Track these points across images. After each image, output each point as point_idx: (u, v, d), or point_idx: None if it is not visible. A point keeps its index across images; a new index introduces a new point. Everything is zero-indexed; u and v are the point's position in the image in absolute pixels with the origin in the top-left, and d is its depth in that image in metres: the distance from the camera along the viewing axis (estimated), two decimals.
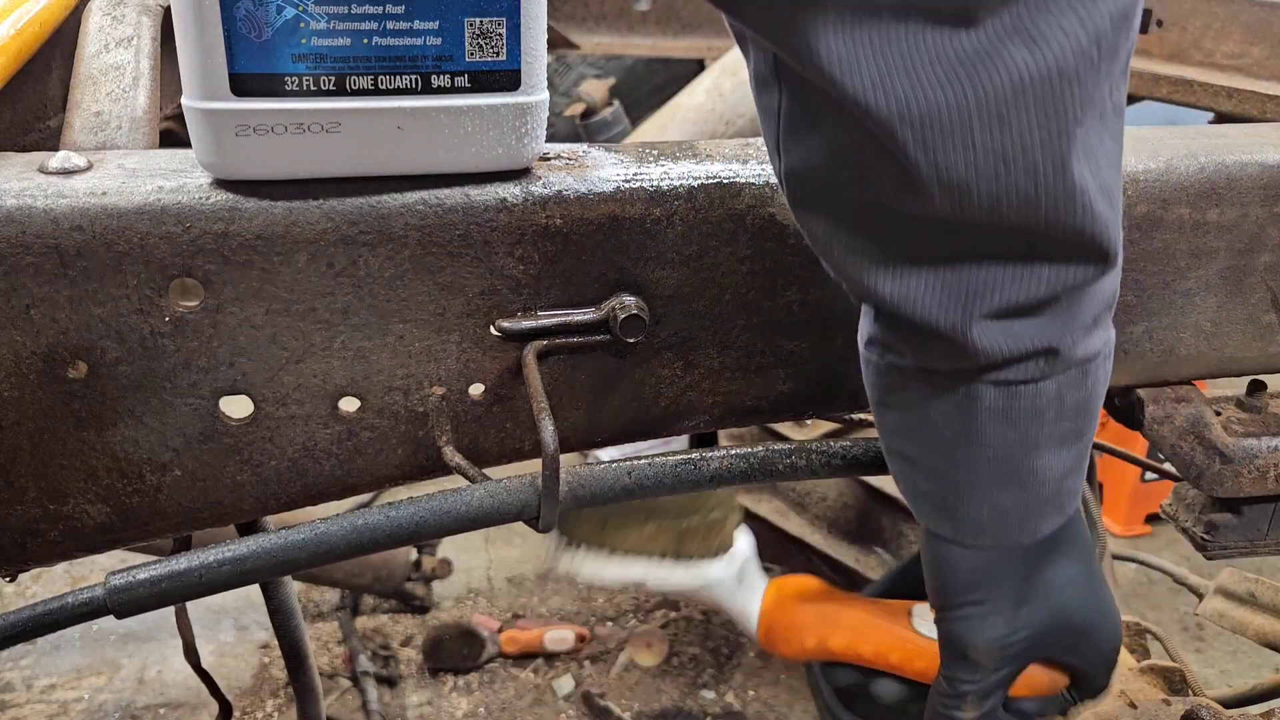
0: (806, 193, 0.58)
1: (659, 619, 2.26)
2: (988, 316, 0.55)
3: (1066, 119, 0.48)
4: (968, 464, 0.61)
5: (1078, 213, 0.51)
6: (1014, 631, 0.66)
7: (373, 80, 0.61)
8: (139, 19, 0.89)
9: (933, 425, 0.61)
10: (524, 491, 0.68)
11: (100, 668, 2.08)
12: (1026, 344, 0.56)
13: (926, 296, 0.56)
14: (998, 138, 0.48)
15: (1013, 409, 0.59)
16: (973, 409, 0.59)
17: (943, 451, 0.62)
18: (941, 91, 0.47)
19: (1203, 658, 2.21)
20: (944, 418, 0.61)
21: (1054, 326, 0.56)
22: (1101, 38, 0.47)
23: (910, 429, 0.64)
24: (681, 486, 0.73)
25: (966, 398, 0.59)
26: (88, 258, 0.61)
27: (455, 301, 0.69)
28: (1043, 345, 0.56)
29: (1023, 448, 0.60)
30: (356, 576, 2.13)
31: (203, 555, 0.64)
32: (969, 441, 0.60)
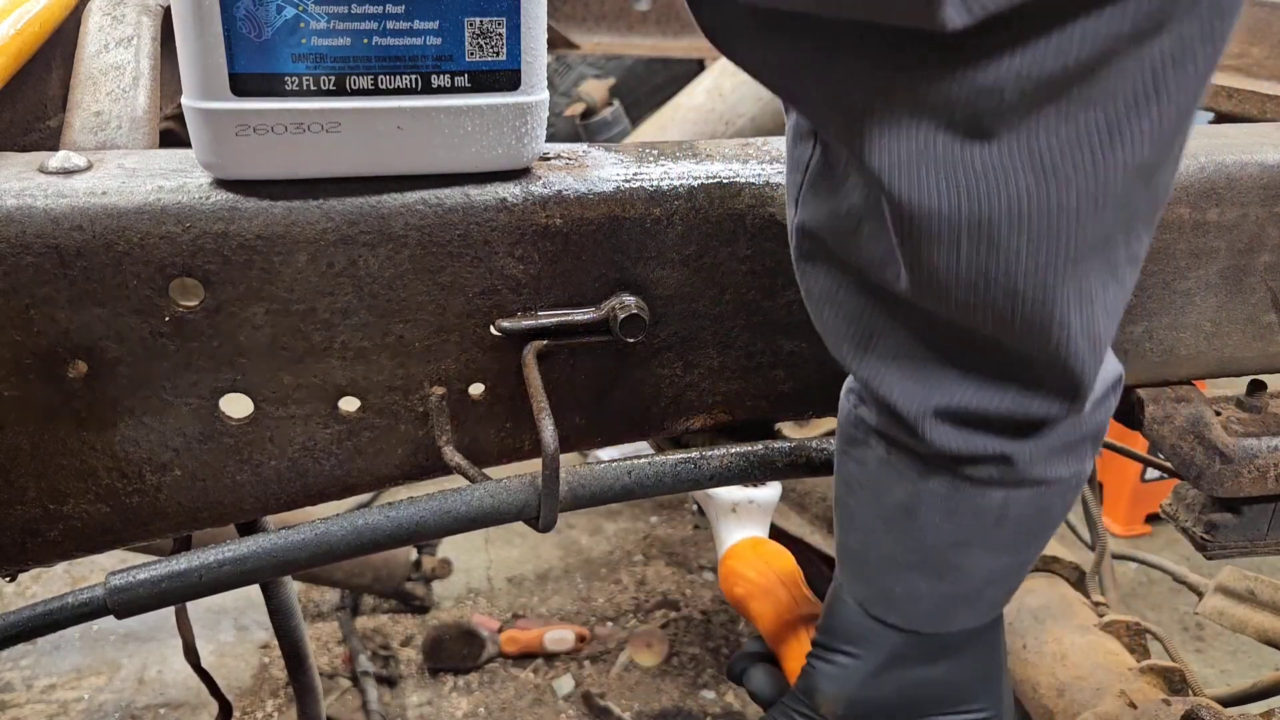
0: (813, 249, 0.58)
1: (659, 619, 2.26)
2: (944, 417, 0.54)
3: (1061, 255, 0.46)
4: (898, 538, 0.60)
5: (1052, 347, 0.49)
6: (867, 698, 0.64)
7: (373, 80, 0.61)
8: (139, 19, 0.89)
9: (878, 489, 0.61)
10: (524, 491, 0.68)
11: (100, 668, 2.08)
12: (979, 448, 0.55)
13: (892, 378, 0.55)
14: (983, 255, 0.46)
15: (955, 502, 0.57)
16: (917, 489, 0.58)
17: (880, 518, 0.61)
18: (939, 199, 0.45)
19: (1203, 658, 2.21)
20: (890, 486, 0.60)
21: (1013, 441, 0.55)
22: (1111, 184, 0.45)
23: (858, 484, 0.63)
24: (681, 485, 0.74)
25: (915, 476, 0.58)
26: (88, 258, 0.61)
27: (455, 301, 0.69)
28: (997, 453, 0.55)
29: (953, 541, 0.59)
30: (356, 576, 2.13)
31: (203, 555, 0.64)
32: (906, 517, 0.59)
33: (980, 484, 0.56)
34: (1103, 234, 0.47)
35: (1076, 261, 0.47)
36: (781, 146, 0.77)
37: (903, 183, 0.46)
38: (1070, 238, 0.46)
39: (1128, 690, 1.11)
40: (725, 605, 2.29)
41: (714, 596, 2.33)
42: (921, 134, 0.45)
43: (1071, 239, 0.46)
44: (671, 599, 2.31)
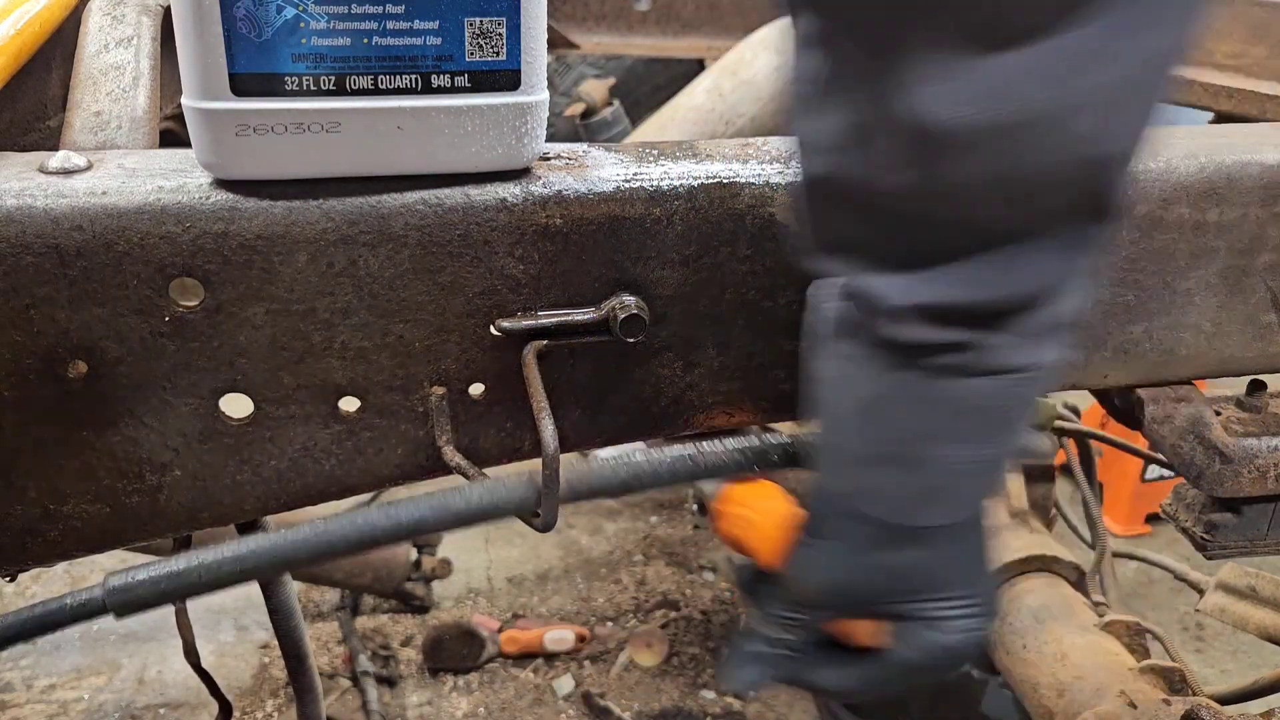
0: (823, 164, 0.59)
1: (659, 619, 2.26)
2: (923, 311, 0.56)
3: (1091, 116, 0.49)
4: (868, 432, 0.62)
5: (1078, 164, 0.51)
6: (846, 583, 0.66)
7: (373, 80, 0.61)
8: (139, 19, 0.89)
9: (850, 384, 0.62)
10: (522, 487, 0.68)
11: (100, 668, 2.08)
12: (946, 337, 0.56)
13: (877, 278, 0.57)
14: (1004, 155, 0.50)
15: (920, 393, 0.59)
16: (886, 381, 0.59)
17: (851, 412, 0.62)
18: (959, 109, 0.48)
19: (1203, 657, 2.21)
20: (861, 381, 0.61)
21: (980, 330, 0.56)
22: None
23: (832, 380, 0.64)
24: (679, 479, 0.74)
25: (885, 369, 0.59)
26: (88, 258, 0.61)
27: (455, 301, 0.69)
28: (962, 340, 0.56)
29: (919, 433, 0.60)
30: (356, 576, 2.13)
31: (202, 555, 0.64)
32: (875, 411, 0.61)
33: (945, 374, 0.57)
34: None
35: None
36: (781, 146, 0.77)
37: (925, 95, 0.48)
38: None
39: (1128, 690, 1.11)
40: (725, 605, 2.29)
41: (714, 596, 2.33)
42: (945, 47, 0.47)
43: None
44: (671, 599, 2.31)
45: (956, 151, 0.50)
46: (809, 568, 0.67)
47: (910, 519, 0.63)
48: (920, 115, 0.49)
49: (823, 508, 0.67)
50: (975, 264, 0.54)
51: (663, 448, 0.74)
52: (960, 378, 0.57)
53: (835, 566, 0.65)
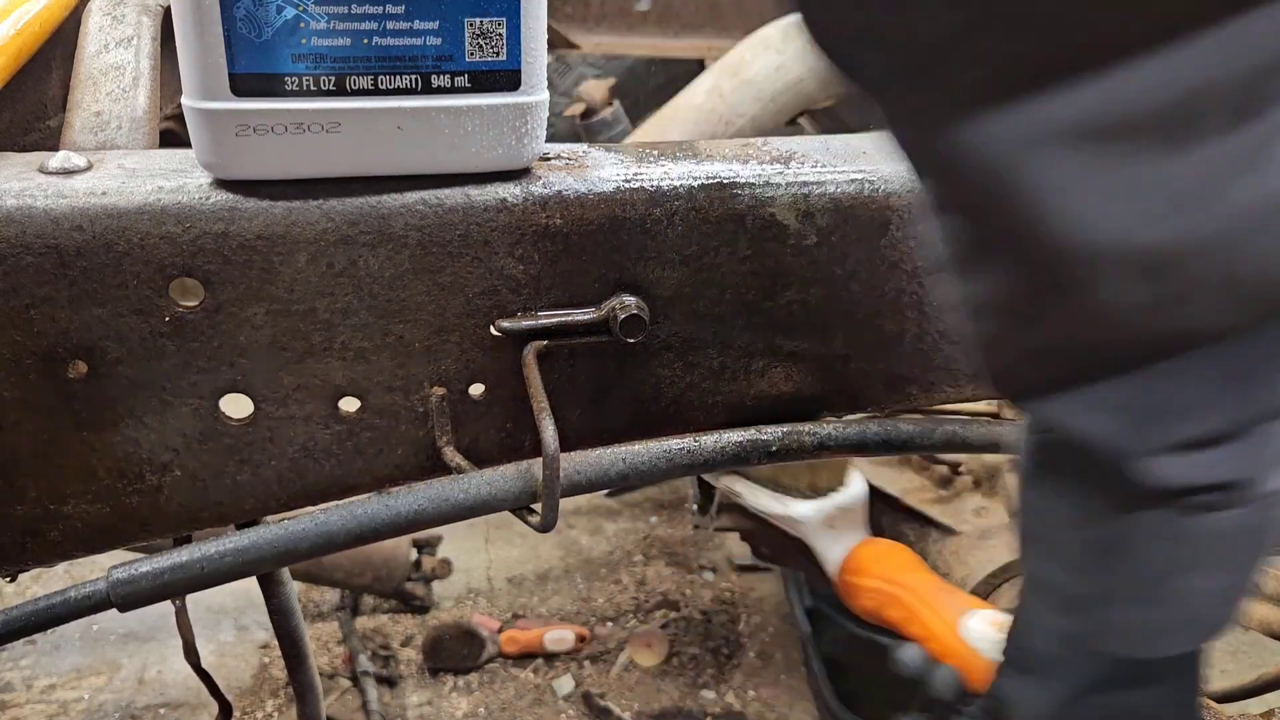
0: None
1: (659, 619, 2.26)
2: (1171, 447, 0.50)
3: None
4: (1108, 572, 0.57)
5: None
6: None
7: (373, 80, 0.61)
8: (139, 19, 0.89)
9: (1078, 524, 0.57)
10: (521, 478, 0.68)
11: (100, 668, 2.08)
12: (1207, 476, 0.51)
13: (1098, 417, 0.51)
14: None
15: (1175, 531, 0.53)
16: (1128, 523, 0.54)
17: (1084, 552, 0.57)
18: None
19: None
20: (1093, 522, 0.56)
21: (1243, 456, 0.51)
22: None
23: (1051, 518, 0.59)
24: (676, 471, 0.74)
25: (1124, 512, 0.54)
26: (88, 258, 0.61)
27: (455, 301, 0.69)
28: (1225, 480, 0.51)
29: (1172, 568, 0.55)
30: (356, 576, 2.12)
31: (204, 547, 0.65)
32: (1117, 551, 0.56)
33: (1202, 509, 0.52)
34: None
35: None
36: (781, 146, 0.77)
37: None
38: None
39: None
40: (725, 605, 2.29)
41: (714, 596, 2.33)
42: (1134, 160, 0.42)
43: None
44: (671, 599, 2.31)
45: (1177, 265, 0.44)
46: (1022, 706, 0.62)
47: (1150, 651, 0.58)
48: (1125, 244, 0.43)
49: (1038, 643, 0.62)
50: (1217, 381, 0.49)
51: (661, 439, 0.74)
52: (1216, 511, 0.53)
53: (1054, 705, 0.61)
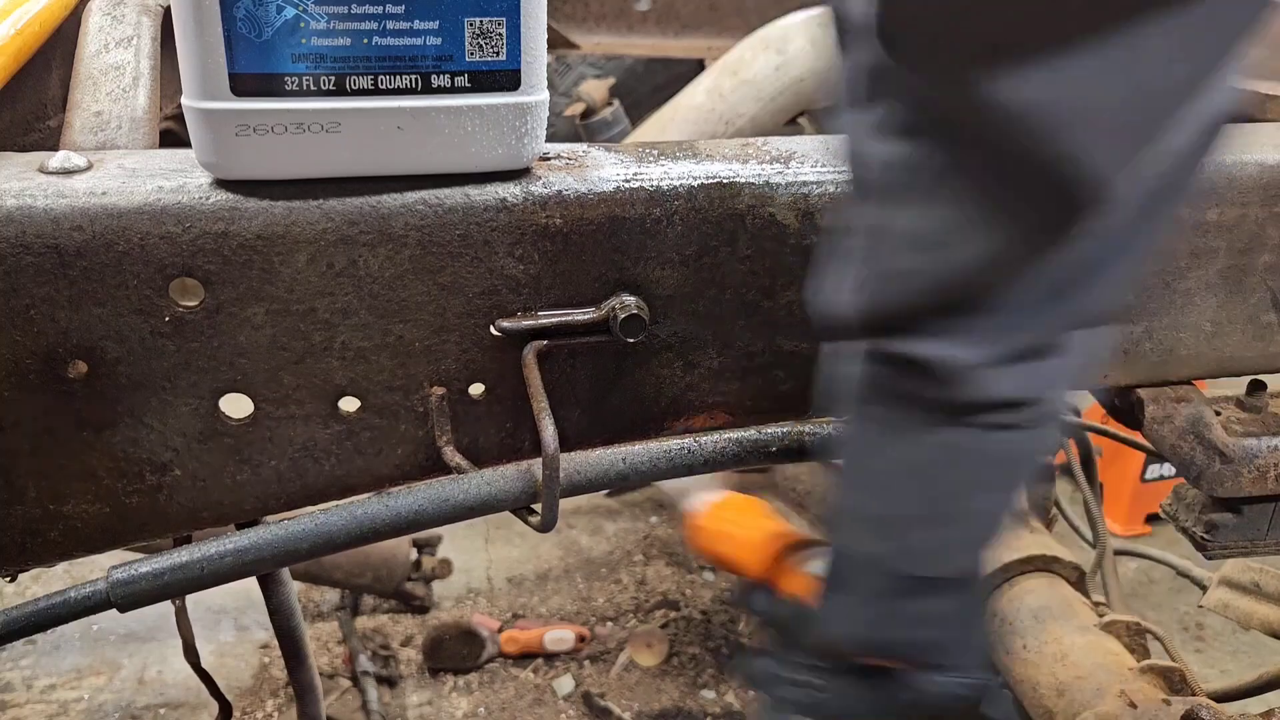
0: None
1: (659, 619, 2.26)
2: (1001, 359, 0.58)
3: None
4: (914, 493, 0.64)
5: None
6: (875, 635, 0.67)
7: (373, 80, 0.61)
8: (139, 19, 0.89)
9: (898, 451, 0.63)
10: (521, 478, 0.68)
11: (100, 668, 2.07)
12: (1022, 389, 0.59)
13: (945, 343, 0.58)
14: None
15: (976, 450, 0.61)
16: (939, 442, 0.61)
17: (896, 476, 0.64)
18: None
19: (1203, 657, 2.21)
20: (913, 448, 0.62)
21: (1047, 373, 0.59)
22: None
23: (875, 450, 0.65)
24: (676, 471, 0.74)
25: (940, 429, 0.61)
26: (88, 258, 0.61)
27: (455, 301, 0.69)
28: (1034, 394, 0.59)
29: (965, 488, 0.63)
30: (356, 576, 2.12)
31: (204, 548, 0.65)
32: (924, 472, 0.63)
33: (1001, 428, 0.60)
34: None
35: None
36: (781, 146, 0.77)
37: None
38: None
39: (1128, 690, 1.10)
40: (725, 605, 2.29)
41: (714, 596, 2.33)
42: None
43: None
44: (671, 599, 2.31)
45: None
46: (834, 621, 0.68)
47: (938, 570, 0.65)
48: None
49: (844, 564, 0.68)
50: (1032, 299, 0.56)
51: (661, 440, 0.74)
52: (1010, 430, 0.60)
53: (860, 619, 0.67)
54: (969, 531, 0.65)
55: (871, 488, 0.66)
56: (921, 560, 0.65)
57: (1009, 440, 0.61)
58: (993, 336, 0.58)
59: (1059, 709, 1.19)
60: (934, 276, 0.58)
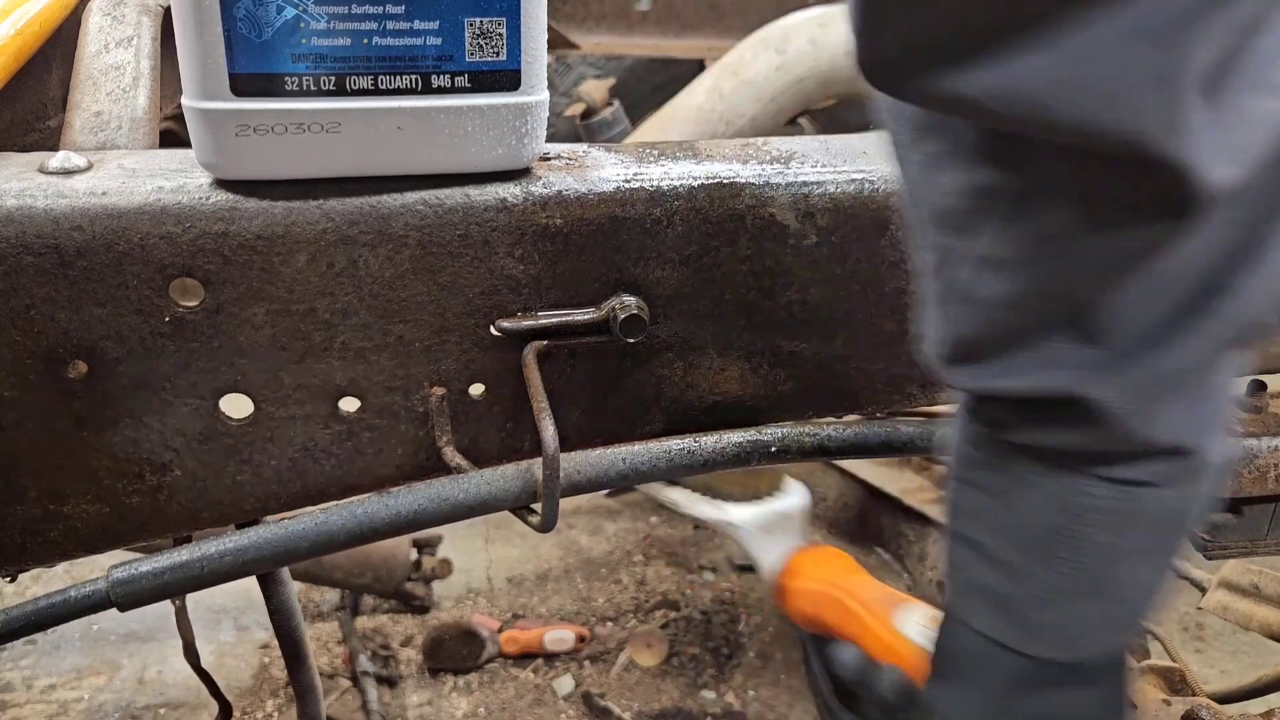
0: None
1: (659, 619, 2.26)
2: (1157, 395, 0.49)
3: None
4: (1050, 565, 0.54)
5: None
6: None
7: (373, 80, 0.61)
8: (139, 19, 0.89)
9: (1020, 515, 0.55)
10: (521, 477, 0.68)
11: (100, 668, 2.07)
12: (1172, 436, 0.50)
13: (1100, 379, 0.49)
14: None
15: (1124, 512, 0.52)
16: (1073, 505, 0.52)
17: (1024, 547, 0.55)
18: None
19: (1203, 657, 2.21)
20: (1038, 510, 0.54)
21: (1198, 416, 0.50)
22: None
23: (990, 514, 0.57)
24: (677, 471, 0.74)
25: (1071, 492, 0.52)
26: (88, 258, 0.61)
27: (455, 301, 0.69)
28: (1184, 442, 0.50)
29: (1117, 555, 0.54)
30: (356, 576, 2.12)
31: (204, 547, 0.65)
32: (1060, 541, 0.54)
33: (1152, 486, 0.51)
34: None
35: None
36: (781, 146, 0.77)
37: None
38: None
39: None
40: (725, 605, 2.29)
41: (714, 597, 2.32)
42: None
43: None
44: (671, 599, 2.31)
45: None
46: (945, 711, 0.61)
47: (1075, 654, 0.56)
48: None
49: (960, 643, 0.60)
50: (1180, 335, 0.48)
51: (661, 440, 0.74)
52: (1159, 488, 0.51)
53: (977, 712, 0.59)
54: (1113, 609, 0.55)
55: (989, 558, 0.57)
56: (1055, 643, 0.56)
57: (1160, 499, 0.51)
58: (1127, 362, 0.48)
59: None
60: (1026, 293, 0.50)
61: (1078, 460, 0.52)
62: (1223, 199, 0.43)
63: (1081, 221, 0.47)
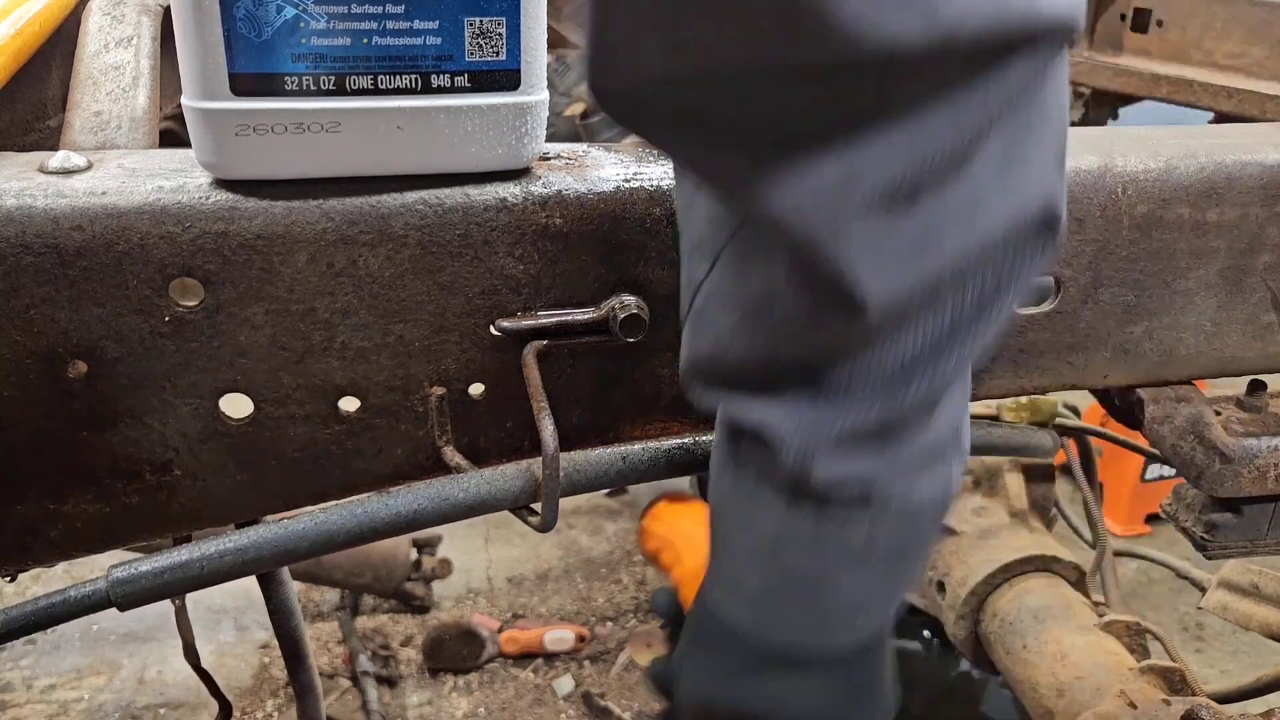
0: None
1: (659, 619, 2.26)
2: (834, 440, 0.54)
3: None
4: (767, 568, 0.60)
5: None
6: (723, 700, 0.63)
7: (373, 80, 0.61)
8: (139, 19, 0.89)
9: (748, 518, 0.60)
10: (520, 477, 0.68)
11: (100, 668, 2.08)
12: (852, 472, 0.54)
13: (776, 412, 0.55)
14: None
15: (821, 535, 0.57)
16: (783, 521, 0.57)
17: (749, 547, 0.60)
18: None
19: (1203, 658, 2.21)
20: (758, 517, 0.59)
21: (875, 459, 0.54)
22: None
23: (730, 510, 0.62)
24: (676, 471, 0.74)
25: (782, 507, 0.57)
26: (88, 257, 0.61)
27: (455, 301, 0.69)
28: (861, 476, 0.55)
29: (820, 572, 0.58)
30: (356, 576, 2.13)
31: (204, 547, 0.65)
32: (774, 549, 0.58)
33: (845, 513, 0.55)
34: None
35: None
36: None
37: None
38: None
39: (1128, 690, 1.11)
40: None
41: None
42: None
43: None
44: None
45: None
46: (685, 677, 0.65)
47: (805, 643, 0.61)
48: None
49: (707, 621, 0.64)
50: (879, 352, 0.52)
51: (661, 440, 0.74)
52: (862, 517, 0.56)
53: (710, 684, 0.63)
54: (839, 615, 0.60)
55: (732, 553, 0.62)
56: (781, 633, 0.60)
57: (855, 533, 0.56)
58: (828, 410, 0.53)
59: (1059, 709, 1.19)
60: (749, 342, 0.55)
61: (778, 486, 0.56)
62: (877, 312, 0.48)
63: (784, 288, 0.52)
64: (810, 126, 0.45)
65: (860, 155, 0.45)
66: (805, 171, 0.45)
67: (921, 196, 0.46)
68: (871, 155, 0.45)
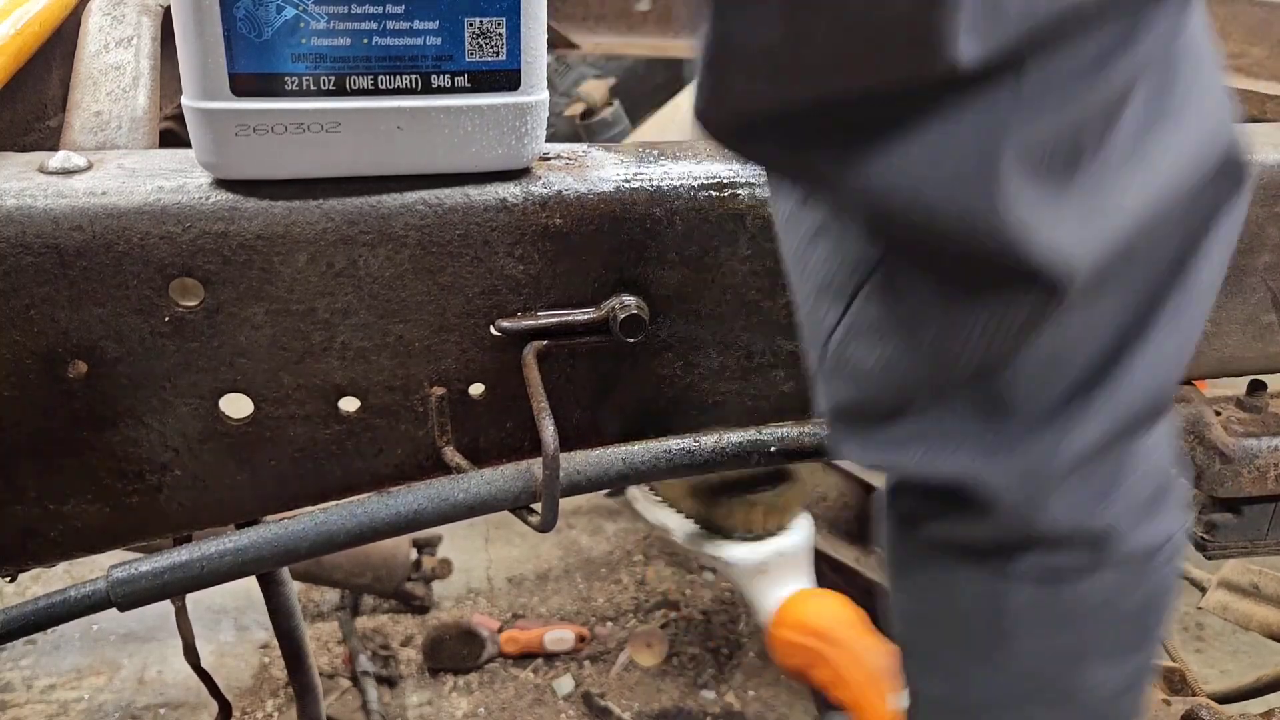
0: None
1: (659, 619, 2.26)
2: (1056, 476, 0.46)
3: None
4: (994, 671, 0.51)
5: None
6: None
7: (373, 80, 0.61)
8: (139, 19, 0.89)
9: (955, 616, 0.51)
10: (521, 477, 0.68)
11: (100, 668, 2.07)
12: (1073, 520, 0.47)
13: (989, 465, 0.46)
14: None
15: (1052, 605, 0.48)
16: (1002, 602, 0.49)
17: (965, 652, 0.52)
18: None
19: (1203, 657, 2.21)
20: (965, 613, 0.50)
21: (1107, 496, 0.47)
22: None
23: (928, 619, 0.53)
24: (678, 471, 0.74)
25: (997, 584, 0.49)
26: (88, 258, 0.61)
27: (455, 301, 0.69)
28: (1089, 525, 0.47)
29: (1064, 655, 0.49)
30: (356, 576, 2.12)
31: (204, 547, 0.65)
32: (999, 641, 0.50)
33: (1073, 575, 0.48)
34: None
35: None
36: None
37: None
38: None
39: None
40: (725, 605, 2.29)
41: (714, 597, 2.33)
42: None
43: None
44: (671, 599, 2.31)
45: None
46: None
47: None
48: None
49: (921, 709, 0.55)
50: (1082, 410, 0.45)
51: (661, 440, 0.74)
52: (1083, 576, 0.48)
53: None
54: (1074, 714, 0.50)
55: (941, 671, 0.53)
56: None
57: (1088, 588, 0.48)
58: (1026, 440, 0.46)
59: None
60: (899, 361, 0.48)
61: (985, 555, 0.49)
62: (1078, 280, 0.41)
63: (945, 294, 0.45)
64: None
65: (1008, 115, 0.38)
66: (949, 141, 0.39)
67: (1083, 156, 0.40)
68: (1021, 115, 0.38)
